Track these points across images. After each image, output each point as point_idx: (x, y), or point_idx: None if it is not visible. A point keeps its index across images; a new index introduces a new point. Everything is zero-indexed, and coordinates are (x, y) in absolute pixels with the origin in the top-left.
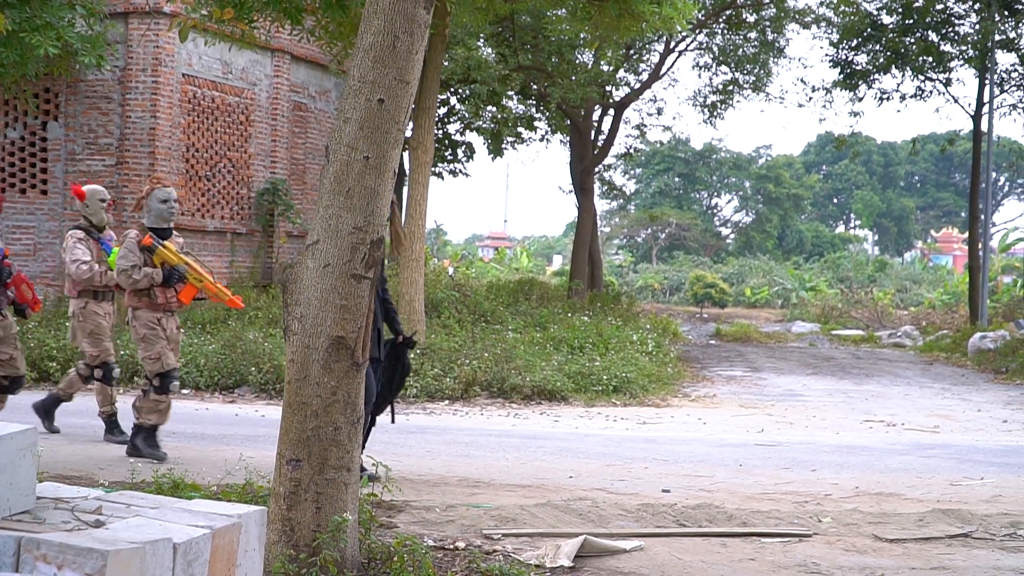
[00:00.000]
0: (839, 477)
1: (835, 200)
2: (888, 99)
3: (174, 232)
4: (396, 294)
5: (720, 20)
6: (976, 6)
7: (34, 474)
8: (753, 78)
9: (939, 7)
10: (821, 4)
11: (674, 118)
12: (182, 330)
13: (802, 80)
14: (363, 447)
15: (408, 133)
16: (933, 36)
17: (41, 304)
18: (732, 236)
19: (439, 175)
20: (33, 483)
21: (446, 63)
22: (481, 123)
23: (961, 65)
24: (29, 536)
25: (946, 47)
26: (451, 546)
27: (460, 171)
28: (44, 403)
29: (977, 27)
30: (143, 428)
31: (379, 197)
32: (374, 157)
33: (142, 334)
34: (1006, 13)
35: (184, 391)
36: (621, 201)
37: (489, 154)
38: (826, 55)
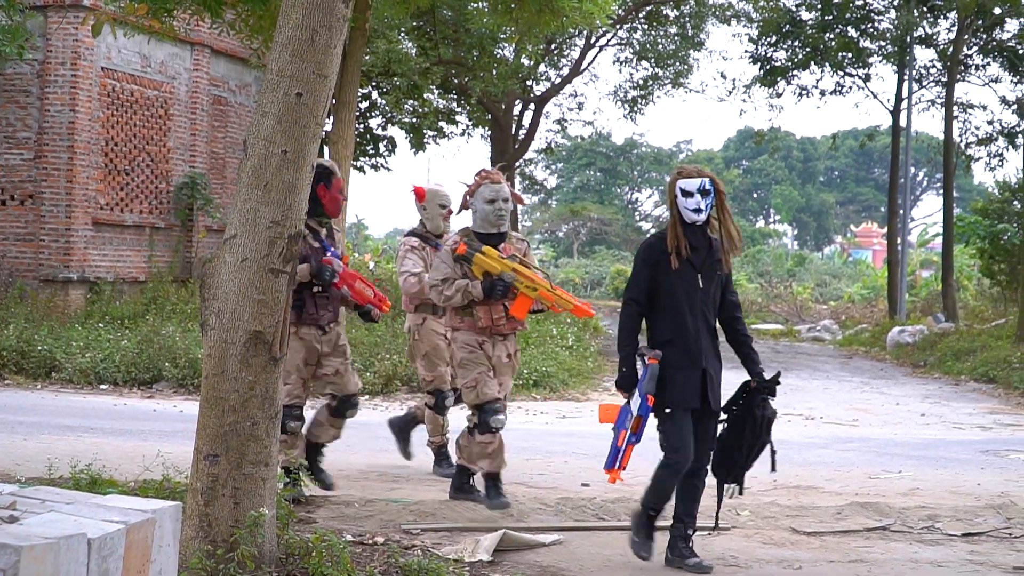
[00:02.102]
0: (757, 470)
1: (755, 195)
2: (808, 95)
3: (515, 236)
4: None
5: (640, 15)
6: (895, 2)
7: None
8: (673, 73)
9: (858, 3)
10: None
11: (595, 113)
12: (516, 355)
13: (722, 74)
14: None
15: (328, 127)
16: (852, 32)
17: (389, 302)
18: (653, 230)
19: (360, 169)
20: None
21: (367, 56)
22: (402, 117)
23: (880, 61)
24: None
25: (865, 43)
26: (370, 541)
27: (382, 165)
28: (437, 462)
29: (896, 23)
30: (466, 471)
31: (297, 191)
32: (292, 151)
33: (459, 358)
34: (924, 9)
35: (102, 386)
36: (542, 195)
37: (411, 148)
38: (746, 51)
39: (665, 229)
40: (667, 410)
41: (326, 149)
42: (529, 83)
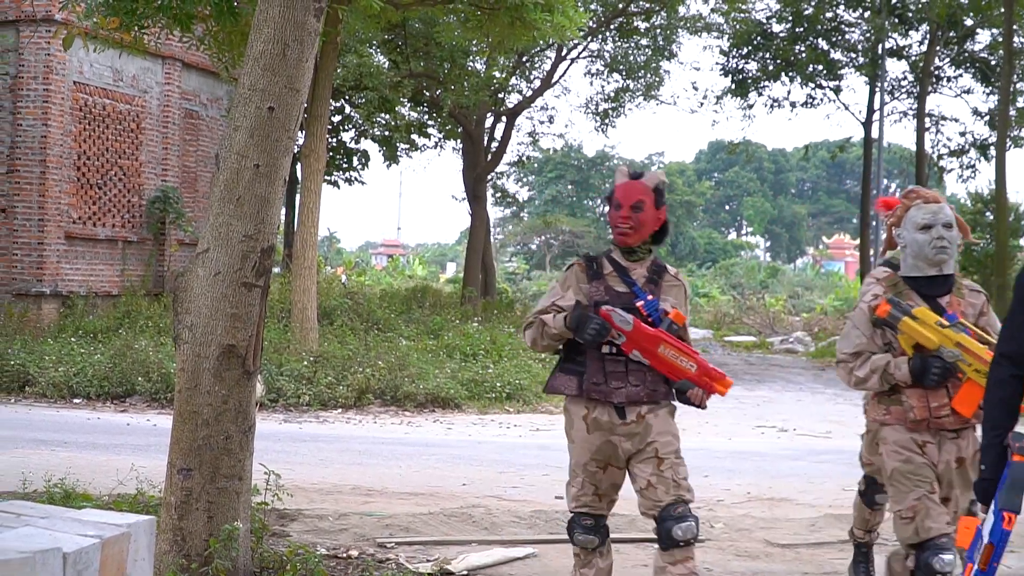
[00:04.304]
0: (731, 483)
1: (727, 207)
2: (779, 107)
3: (967, 286)
4: (288, 302)
5: (611, 27)
6: (866, 14)
7: None
8: (644, 85)
9: (829, 15)
10: (712, 11)
11: (566, 126)
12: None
13: (694, 86)
14: None
15: (300, 141)
16: (823, 44)
17: (728, 382)
18: None
19: (335, 184)
20: None
21: (338, 70)
22: (375, 130)
23: (851, 72)
24: None
25: (836, 55)
26: (344, 555)
27: (356, 179)
28: (855, 561)
29: (867, 34)
30: None
31: (270, 205)
32: (264, 165)
33: (890, 469)
34: (896, 19)
35: (75, 400)
36: (514, 208)
37: (384, 161)
38: (717, 63)
39: None
40: None
41: (298, 163)
42: (500, 96)
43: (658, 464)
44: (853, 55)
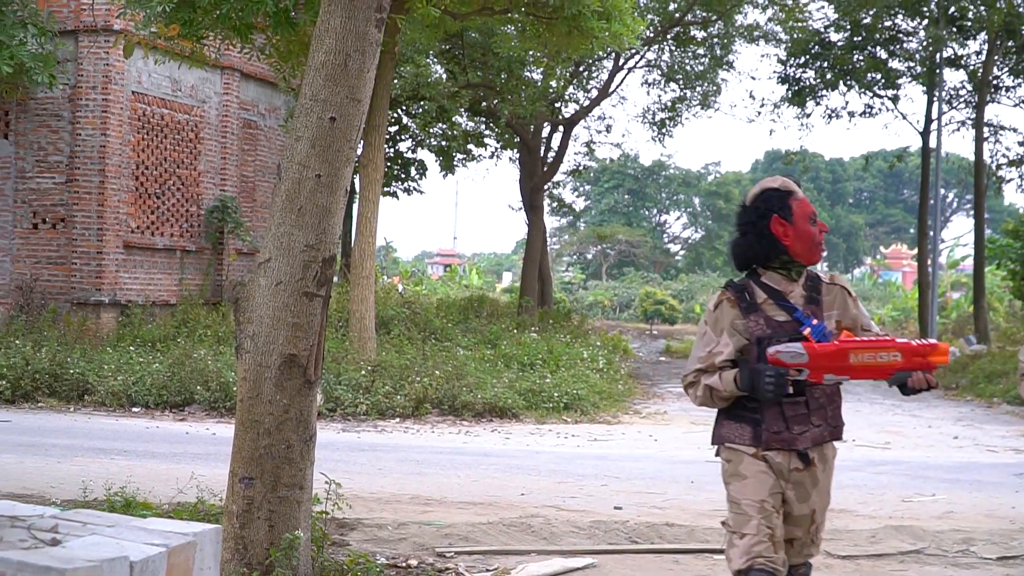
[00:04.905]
0: None
1: None
2: (837, 117)
3: None
4: (345, 312)
5: (669, 37)
6: (924, 23)
7: None
8: (701, 94)
9: (886, 24)
10: (769, 20)
11: (623, 135)
12: None
13: (751, 95)
14: None
15: (358, 151)
16: (881, 53)
17: (943, 348)
18: (682, 252)
19: (393, 194)
20: None
21: (396, 80)
22: (431, 140)
23: (909, 82)
24: None
25: (894, 64)
26: (404, 564)
27: (414, 188)
28: None
29: (925, 44)
30: None
31: (331, 215)
32: (326, 175)
33: None
34: (953, 29)
35: (134, 409)
36: (571, 218)
37: (441, 171)
38: (774, 72)
39: None
40: None
41: (356, 173)
42: (557, 105)
43: (810, 525)
44: (911, 64)
